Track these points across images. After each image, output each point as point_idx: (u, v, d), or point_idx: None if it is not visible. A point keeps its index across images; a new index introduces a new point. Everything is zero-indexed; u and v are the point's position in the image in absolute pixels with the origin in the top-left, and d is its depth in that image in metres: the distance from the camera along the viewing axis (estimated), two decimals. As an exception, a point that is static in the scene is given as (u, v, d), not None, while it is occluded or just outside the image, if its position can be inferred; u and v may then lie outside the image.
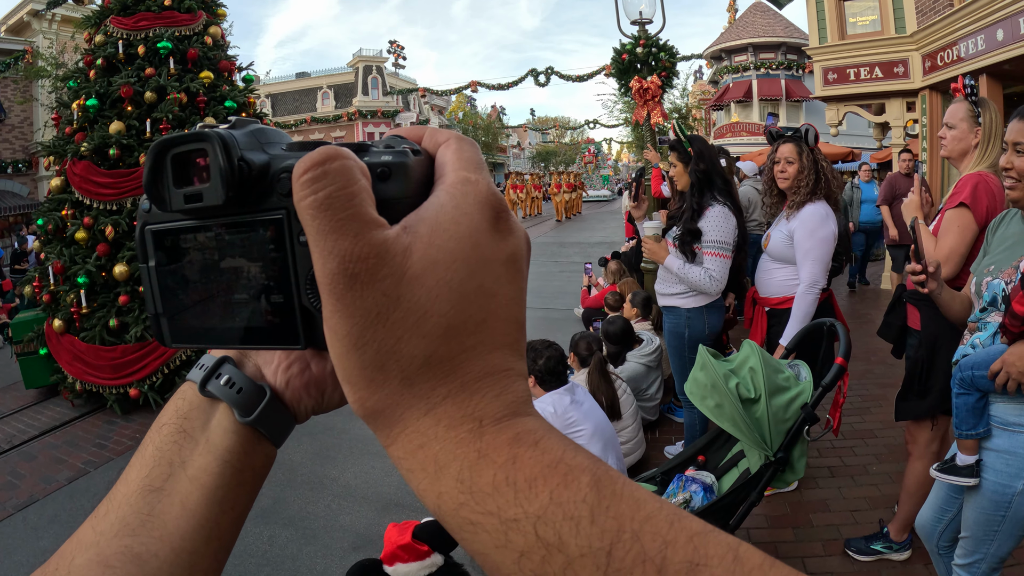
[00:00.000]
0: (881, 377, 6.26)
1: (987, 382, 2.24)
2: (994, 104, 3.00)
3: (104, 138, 6.52)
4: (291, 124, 43.11)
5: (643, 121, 7.68)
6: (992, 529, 2.31)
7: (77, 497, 4.75)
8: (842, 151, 19.43)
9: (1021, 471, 2.21)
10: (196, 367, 0.50)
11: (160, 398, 6.33)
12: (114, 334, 6.51)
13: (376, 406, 0.37)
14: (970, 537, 2.40)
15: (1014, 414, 2.25)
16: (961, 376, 2.35)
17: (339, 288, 0.35)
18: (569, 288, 11.57)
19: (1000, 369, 2.18)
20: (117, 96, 6.60)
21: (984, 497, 2.32)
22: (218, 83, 7.20)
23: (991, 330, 2.32)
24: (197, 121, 6.04)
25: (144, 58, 6.82)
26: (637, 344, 5.41)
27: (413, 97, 43.96)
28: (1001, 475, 2.27)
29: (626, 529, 0.32)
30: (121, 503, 0.46)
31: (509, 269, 0.39)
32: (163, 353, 6.28)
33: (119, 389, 6.34)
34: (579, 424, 3.71)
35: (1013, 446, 2.24)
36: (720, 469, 3.09)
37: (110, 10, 6.97)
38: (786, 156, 3.71)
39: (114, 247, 6.60)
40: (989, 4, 8.51)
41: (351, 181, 0.36)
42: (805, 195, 3.63)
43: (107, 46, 6.84)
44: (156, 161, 0.41)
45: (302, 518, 4.20)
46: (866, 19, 11.50)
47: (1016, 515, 2.25)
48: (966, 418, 2.35)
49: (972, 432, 2.34)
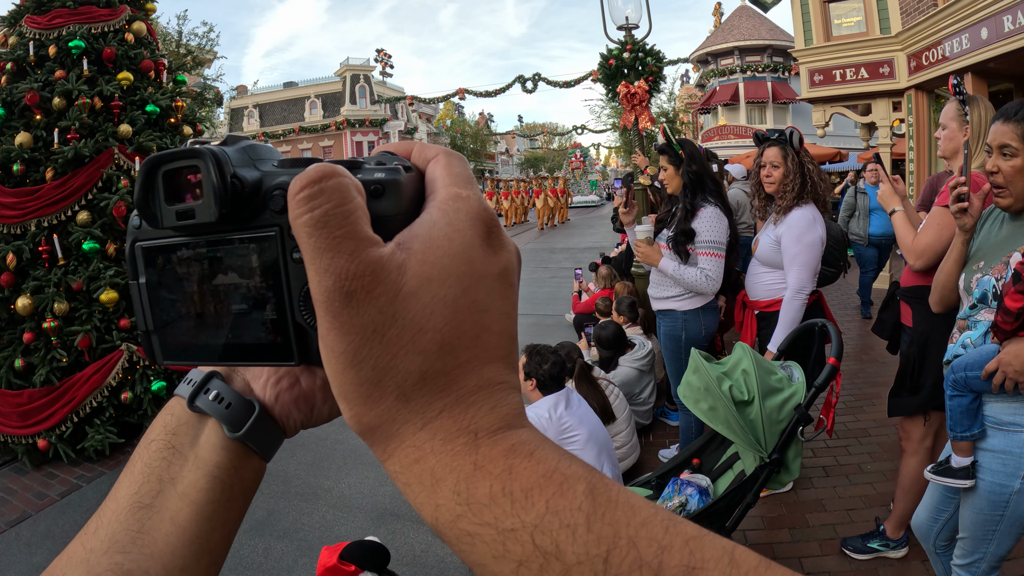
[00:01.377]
0: (874, 376, 6.30)
1: (981, 383, 2.24)
2: (986, 101, 3.02)
3: (7, 152, 5.60)
4: (279, 134, 43.13)
5: (631, 126, 7.69)
6: (990, 529, 2.31)
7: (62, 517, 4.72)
8: (829, 152, 19.58)
9: (1018, 470, 2.22)
10: (184, 382, 0.50)
11: (71, 450, 5.40)
12: (21, 376, 5.57)
13: (373, 421, 0.37)
14: (968, 537, 2.40)
15: (1008, 413, 2.25)
16: (954, 378, 2.35)
17: (335, 306, 0.35)
18: (560, 294, 11.61)
19: (996, 370, 2.17)
20: (24, 104, 5.76)
21: (981, 498, 2.33)
22: (140, 85, 6.28)
23: (982, 329, 2.32)
24: (111, 129, 5.76)
25: (55, 59, 5.95)
26: (629, 348, 5.41)
27: (401, 105, 44.10)
28: (997, 475, 2.27)
29: (622, 535, 0.32)
30: (111, 520, 0.46)
31: (501, 284, 0.39)
32: (71, 400, 5.43)
33: (28, 439, 5.39)
34: (574, 429, 3.71)
35: (1009, 446, 2.25)
36: (715, 472, 3.10)
37: (26, 9, 6.12)
38: (771, 160, 3.69)
39: (18, 276, 5.58)
40: (973, 3, 8.62)
41: (347, 199, 0.36)
42: (792, 200, 3.61)
43: (18, 48, 5.98)
44: (147, 177, 0.41)
45: (297, 530, 4.18)
46: (851, 20, 11.62)
47: (1014, 514, 2.25)
48: (960, 420, 2.34)
49: (967, 434, 2.33)
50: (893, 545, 3.39)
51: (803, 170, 3.65)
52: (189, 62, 19.29)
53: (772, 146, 3.72)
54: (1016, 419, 2.23)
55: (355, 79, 43.49)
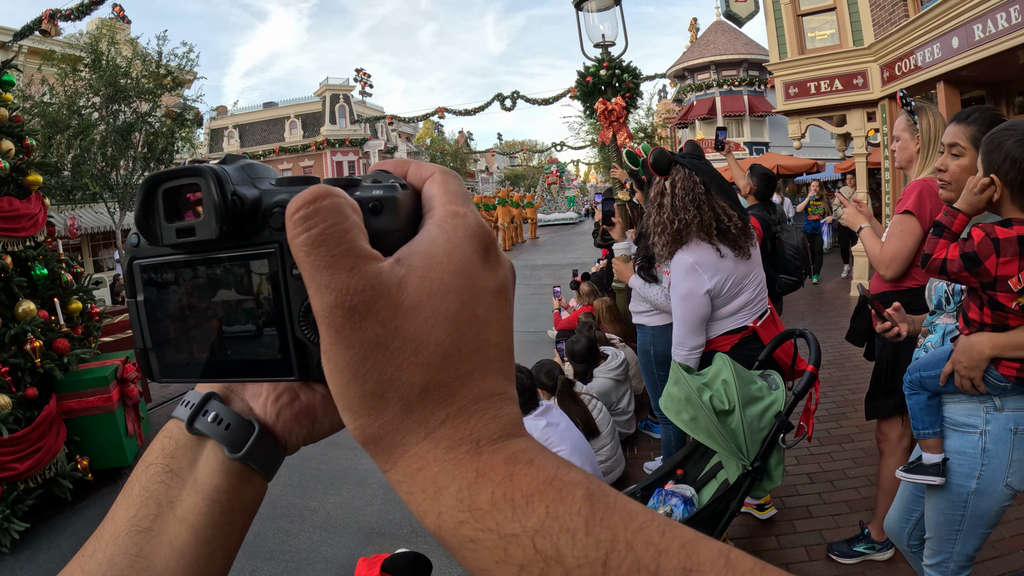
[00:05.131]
0: (855, 383, 6.35)
1: (934, 383, 2.32)
2: (934, 109, 3.14)
3: None
4: (259, 155, 42.87)
5: (608, 142, 7.74)
6: (954, 529, 2.36)
7: (55, 536, 4.66)
8: (807, 163, 19.79)
9: (972, 470, 2.27)
10: (182, 404, 0.49)
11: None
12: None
13: (376, 433, 0.37)
14: (934, 538, 2.45)
15: (964, 415, 2.32)
16: (910, 379, 2.44)
17: (338, 321, 0.36)
18: (542, 310, 11.61)
19: (952, 371, 2.25)
20: None
21: (942, 498, 2.38)
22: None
23: (940, 332, 2.41)
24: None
25: None
26: (603, 359, 5.45)
27: (381, 125, 43.99)
28: (955, 475, 2.33)
29: (620, 539, 0.33)
30: (109, 543, 0.45)
31: (498, 298, 0.40)
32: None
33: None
34: (556, 445, 3.72)
35: (963, 446, 2.31)
36: (699, 481, 3.11)
37: None
38: (651, 197, 3.31)
39: None
40: (944, 13, 8.80)
41: (343, 217, 0.37)
42: (666, 245, 3.22)
43: None
44: (147, 195, 0.42)
45: (284, 551, 4.15)
46: (824, 33, 11.81)
47: (974, 514, 2.30)
48: (921, 418, 2.42)
49: (929, 431, 2.40)
50: (879, 547, 3.43)
51: (676, 211, 3.15)
52: (169, 83, 19.21)
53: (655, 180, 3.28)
54: (970, 420, 2.29)
55: (335, 99, 43.42)
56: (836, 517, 3.95)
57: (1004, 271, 2.01)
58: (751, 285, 3.23)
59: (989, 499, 2.27)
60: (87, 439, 5.53)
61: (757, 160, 19.82)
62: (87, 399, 5.53)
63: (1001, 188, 2.02)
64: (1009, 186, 2.00)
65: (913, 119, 3.13)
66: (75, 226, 22.68)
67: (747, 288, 3.22)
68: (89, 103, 17.83)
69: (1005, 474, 2.22)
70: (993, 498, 2.26)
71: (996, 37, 7.98)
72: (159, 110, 19.26)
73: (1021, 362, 2.12)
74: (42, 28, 13.29)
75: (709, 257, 3.11)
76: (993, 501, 2.27)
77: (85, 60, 17.72)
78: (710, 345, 3.26)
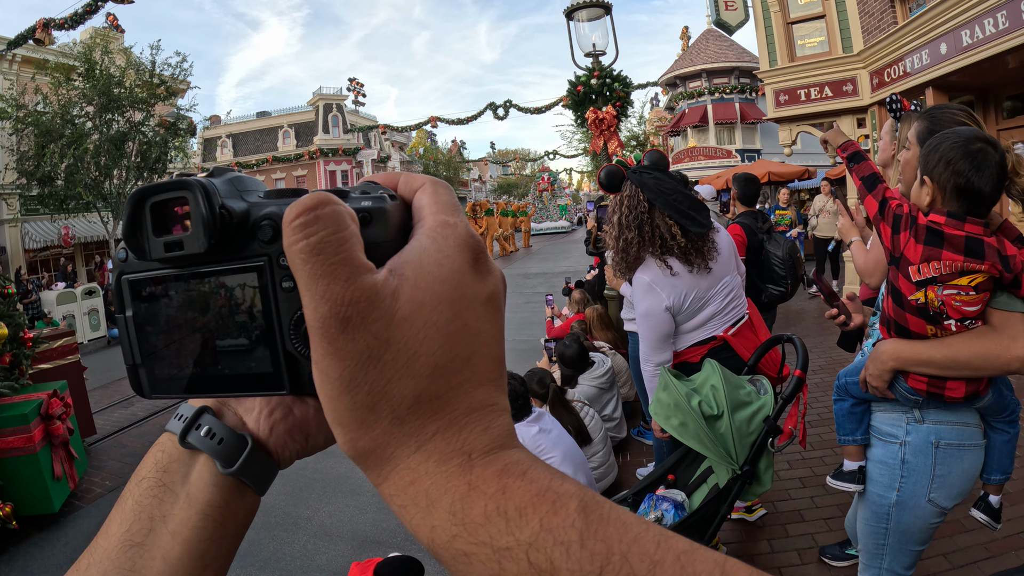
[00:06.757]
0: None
1: (857, 388, 2.33)
2: (923, 119, 3.16)
3: None
4: (252, 164, 42.84)
5: (600, 151, 7.79)
6: (879, 543, 2.34)
7: (47, 547, 4.64)
8: (798, 170, 19.84)
9: (893, 481, 2.26)
10: (175, 418, 0.48)
11: None
12: None
13: (367, 446, 0.37)
14: (863, 550, 2.45)
15: (887, 423, 2.31)
16: (837, 384, 2.45)
17: (331, 331, 0.35)
18: (535, 319, 11.65)
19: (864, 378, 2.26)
20: None
21: (867, 508, 2.38)
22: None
23: (875, 337, 2.38)
24: None
25: None
26: (590, 367, 5.47)
27: (374, 134, 44.17)
28: (878, 485, 2.32)
29: (615, 551, 0.33)
30: (102, 557, 0.45)
31: (489, 308, 0.40)
32: None
33: None
34: (548, 452, 3.74)
35: (884, 456, 2.30)
36: (690, 486, 3.13)
37: None
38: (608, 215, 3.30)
39: None
40: (932, 20, 8.88)
41: (342, 226, 0.36)
42: (625, 271, 3.28)
43: None
44: (135, 210, 0.41)
45: (278, 560, 4.15)
46: (814, 40, 11.90)
47: (898, 528, 2.27)
48: (843, 423, 2.43)
49: (849, 438, 2.40)
50: (869, 551, 3.44)
51: (640, 228, 3.15)
52: (162, 92, 19.25)
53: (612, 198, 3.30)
54: (893, 430, 2.28)
55: (328, 108, 43.52)
56: (828, 521, 3.96)
57: (909, 254, 2.02)
58: (717, 296, 3.23)
59: (912, 513, 2.23)
60: (8, 483, 4.87)
61: (748, 168, 19.95)
62: (6, 439, 4.86)
63: (933, 191, 2.01)
64: (941, 189, 1.99)
65: (896, 125, 3.18)
66: (69, 235, 22.65)
67: (713, 300, 3.21)
68: (83, 112, 17.86)
69: (927, 489, 2.19)
70: (916, 513, 2.23)
71: (984, 42, 8.05)
72: (152, 119, 19.31)
73: (930, 376, 2.11)
74: (36, 37, 13.33)
75: (662, 275, 3.15)
76: (917, 516, 2.23)
77: (79, 69, 17.78)
78: (679, 357, 3.28)
